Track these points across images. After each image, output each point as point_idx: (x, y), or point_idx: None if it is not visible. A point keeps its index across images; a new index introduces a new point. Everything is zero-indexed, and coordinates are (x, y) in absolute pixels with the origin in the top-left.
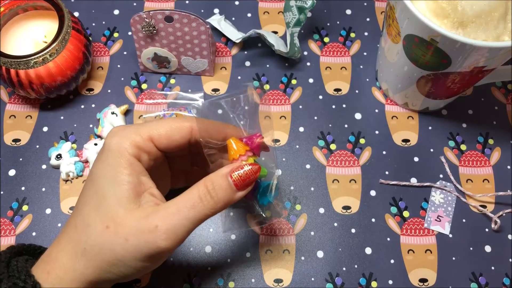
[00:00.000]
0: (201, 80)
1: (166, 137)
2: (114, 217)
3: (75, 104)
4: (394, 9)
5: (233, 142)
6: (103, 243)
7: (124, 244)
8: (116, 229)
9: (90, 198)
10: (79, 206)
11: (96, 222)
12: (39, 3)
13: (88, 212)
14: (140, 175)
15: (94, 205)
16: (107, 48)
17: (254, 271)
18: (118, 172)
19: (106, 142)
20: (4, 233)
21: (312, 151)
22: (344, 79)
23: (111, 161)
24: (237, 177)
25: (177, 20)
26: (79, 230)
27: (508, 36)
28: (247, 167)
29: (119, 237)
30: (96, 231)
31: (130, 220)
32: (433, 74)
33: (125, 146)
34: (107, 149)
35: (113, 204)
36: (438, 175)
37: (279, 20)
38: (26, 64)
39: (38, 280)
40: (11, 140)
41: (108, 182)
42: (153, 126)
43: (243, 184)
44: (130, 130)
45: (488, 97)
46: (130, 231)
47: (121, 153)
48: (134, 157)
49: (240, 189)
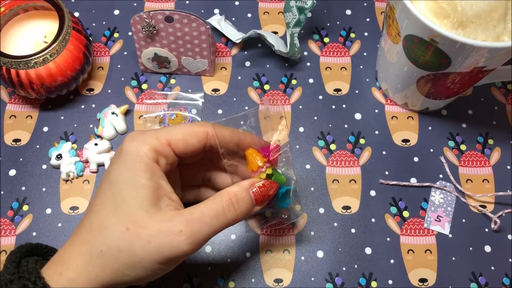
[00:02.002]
0: (201, 80)
1: (183, 141)
2: (135, 220)
3: (75, 104)
4: (394, 9)
5: (252, 154)
6: (123, 245)
7: (146, 246)
8: (138, 231)
9: (107, 200)
10: (95, 208)
11: (115, 224)
12: (40, 3)
13: (105, 215)
14: (159, 179)
15: (112, 208)
16: (107, 48)
17: (254, 271)
18: (138, 176)
19: (125, 146)
20: (4, 233)
21: (312, 151)
22: (344, 79)
23: (130, 165)
24: (257, 192)
25: (177, 20)
26: (95, 232)
27: (507, 36)
28: (267, 183)
29: (140, 238)
30: (115, 233)
31: (152, 223)
32: (433, 74)
33: (144, 150)
34: (125, 153)
35: (133, 207)
36: (438, 175)
37: (279, 20)
38: (27, 64)
39: (48, 282)
40: (12, 140)
41: (128, 185)
42: (170, 131)
43: (262, 200)
44: (149, 135)
45: (488, 97)
46: (153, 233)
47: (140, 157)
48: (153, 161)
49: (258, 204)
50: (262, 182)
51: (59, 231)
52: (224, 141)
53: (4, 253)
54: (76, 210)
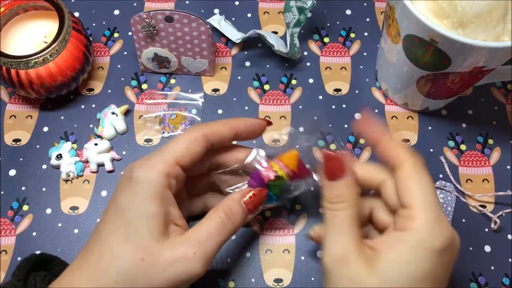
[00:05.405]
0: (201, 80)
1: (188, 153)
2: (148, 249)
3: (76, 104)
4: (394, 10)
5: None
6: (139, 275)
7: (163, 273)
8: (153, 261)
9: (118, 229)
10: (103, 235)
11: (129, 254)
12: (40, 3)
13: (116, 244)
14: (169, 205)
15: (124, 237)
16: (107, 48)
17: (254, 271)
18: (149, 204)
19: (134, 175)
20: (5, 233)
21: (312, 151)
22: (344, 79)
23: (141, 194)
24: (248, 202)
25: (177, 20)
26: (107, 261)
27: (507, 37)
28: (256, 192)
29: (157, 267)
30: (129, 263)
31: (165, 251)
32: (433, 75)
33: (155, 177)
34: (136, 181)
35: (145, 236)
36: (437, 175)
37: (279, 20)
38: (27, 64)
39: None
40: (12, 140)
41: (139, 215)
42: (174, 148)
43: (254, 209)
44: (156, 160)
45: (488, 97)
46: (168, 261)
47: (151, 185)
48: (165, 187)
49: (251, 212)
50: (252, 192)
51: (59, 231)
52: (221, 135)
53: (4, 253)
54: (76, 210)
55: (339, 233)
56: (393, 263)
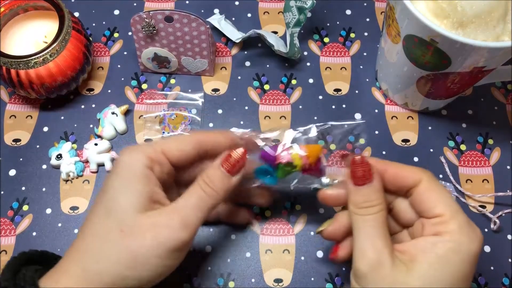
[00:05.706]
0: (201, 80)
1: (177, 149)
2: (127, 220)
3: (76, 104)
4: (394, 10)
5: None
6: (120, 248)
7: (142, 241)
8: (132, 230)
9: (99, 206)
10: (88, 216)
11: (111, 229)
12: (40, 3)
13: (98, 220)
14: (154, 186)
15: (105, 213)
16: (107, 48)
17: (254, 271)
18: (132, 183)
19: (120, 158)
20: (5, 233)
21: None
22: (344, 79)
23: (125, 173)
24: (225, 163)
25: (177, 20)
26: (89, 239)
27: (507, 36)
28: (234, 153)
29: (137, 236)
30: (111, 237)
31: (144, 219)
32: (433, 74)
33: (138, 158)
34: (120, 163)
35: (125, 210)
36: (437, 175)
37: (279, 20)
38: (27, 64)
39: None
40: (12, 140)
41: (120, 191)
42: (164, 141)
43: (235, 170)
44: (143, 145)
45: (488, 97)
46: (147, 228)
47: (134, 165)
48: (148, 168)
49: (233, 174)
50: (227, 152)
51: (59, 231)
52: (217, 143)
53: (4, 253)
54: (76, 210)
55: (371, 238)
56: (434, 265)
